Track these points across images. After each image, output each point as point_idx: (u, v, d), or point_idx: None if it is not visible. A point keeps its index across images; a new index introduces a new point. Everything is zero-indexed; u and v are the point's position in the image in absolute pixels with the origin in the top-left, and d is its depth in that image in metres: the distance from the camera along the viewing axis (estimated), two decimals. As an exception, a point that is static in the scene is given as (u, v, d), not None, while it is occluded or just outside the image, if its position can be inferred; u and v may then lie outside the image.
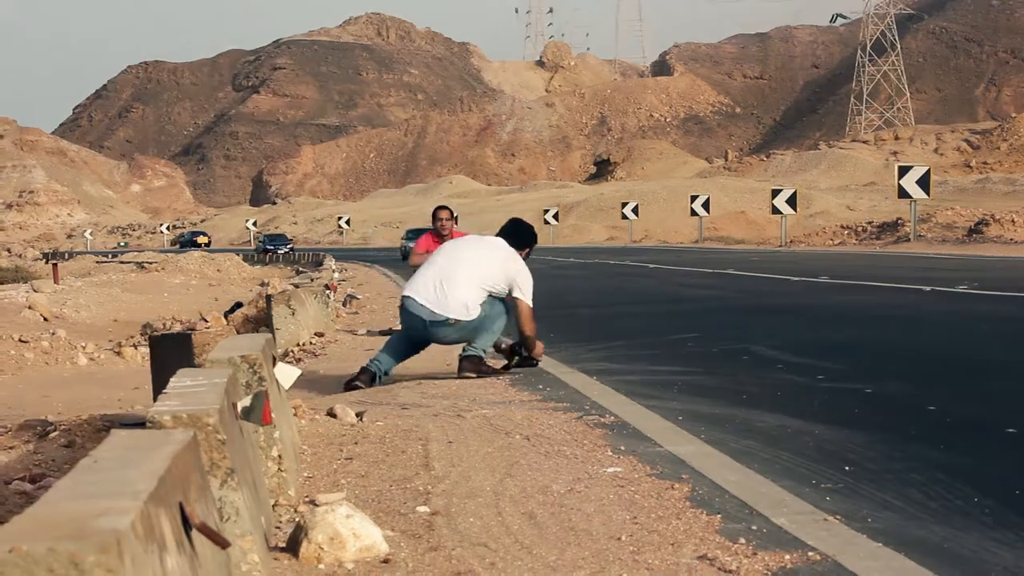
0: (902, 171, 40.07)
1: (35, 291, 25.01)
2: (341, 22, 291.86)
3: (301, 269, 38.47)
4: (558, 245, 62.45)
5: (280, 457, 4.61)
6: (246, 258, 51.43)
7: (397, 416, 6.84)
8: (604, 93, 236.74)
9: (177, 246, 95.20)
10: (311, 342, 13.45)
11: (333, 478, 5.22)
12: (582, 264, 32.73)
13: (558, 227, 72.85)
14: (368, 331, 14.57)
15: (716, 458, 5.32)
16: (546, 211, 74.12)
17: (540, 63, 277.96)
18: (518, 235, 9.13)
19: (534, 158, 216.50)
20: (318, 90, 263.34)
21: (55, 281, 32.00)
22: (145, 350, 13.04)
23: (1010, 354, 9.18)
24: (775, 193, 49.81)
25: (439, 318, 8.65)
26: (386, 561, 3.84)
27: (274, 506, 4.48)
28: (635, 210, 65.68)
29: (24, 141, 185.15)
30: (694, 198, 59.04)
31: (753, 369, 8.70)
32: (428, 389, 8.11)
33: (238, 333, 14.17)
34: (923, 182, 38.81)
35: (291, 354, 12.29)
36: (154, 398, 5.62)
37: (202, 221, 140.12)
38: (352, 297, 21.10)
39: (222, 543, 2.66)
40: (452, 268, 8.75)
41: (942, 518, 4.20)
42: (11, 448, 6.97)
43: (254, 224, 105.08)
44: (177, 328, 17.64)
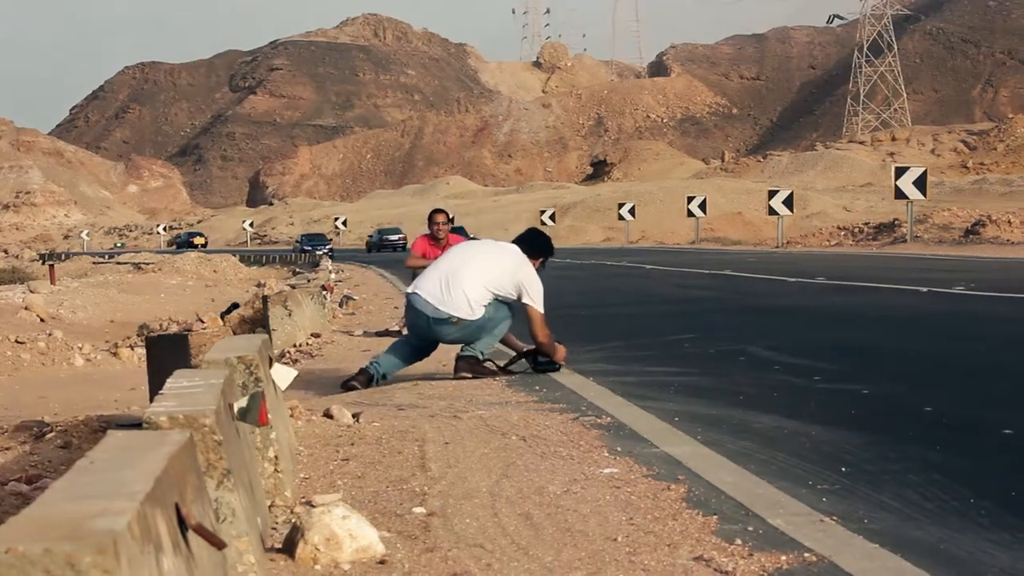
0: (899, 172, 40.08)
1: (32, 292, 25.01)
2: (338, 23, 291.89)
3: (298, 270, 38.45)
4: (555, 246, 62.27)
5: (276, 458, 4.61)
6: (241, 258, 51.36)
7: (393, 417, 6.84)
8: (601, 94, 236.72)
9: (174, 247, 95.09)
10: (307, 343, 13.44)
11: (329, 479, 5.22)
12: (579, 265, 32.72)
13: (555, 228, 72.71)
14: (364, 332, 14.57)
15: (712, 459, 5.32)
16: (543, 212, 74.08)
17: (537, 64, 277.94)
18: (533, 243, 9.06)
19: (531, 159, 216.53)
20: (315, 91, 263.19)
21: (52, 282, 31.98)
22: (141, 351, 13.05)
23: (1006, 355, 9.19)
24: (772, 194, 49.81)
25: (442, 316, 8.64)
26: (382, 562, 3.84)
27: (270, 507, 4.48)
28: (632, 211, 65.63)
29: (21, 142, 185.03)
30: (691, 199, 59.00)
31: (750, 370, 8.71)
32: (424, 390, 8.11)
33: (234, 334, 14.18)
34: (920, 183, 38.82)
35: (287, 355, 12.28)
36: (150, 399, 5.62)
37: (199, 222, 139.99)
38: (348, 298, 21.11)
39: (218, 544, 2.66)
40: (460, 267, 8.74)
41: (938, 519, 4.21)
42: (7, 449, 6.96)
43: (251, 225, 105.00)
44: (174, 329, 17.64)
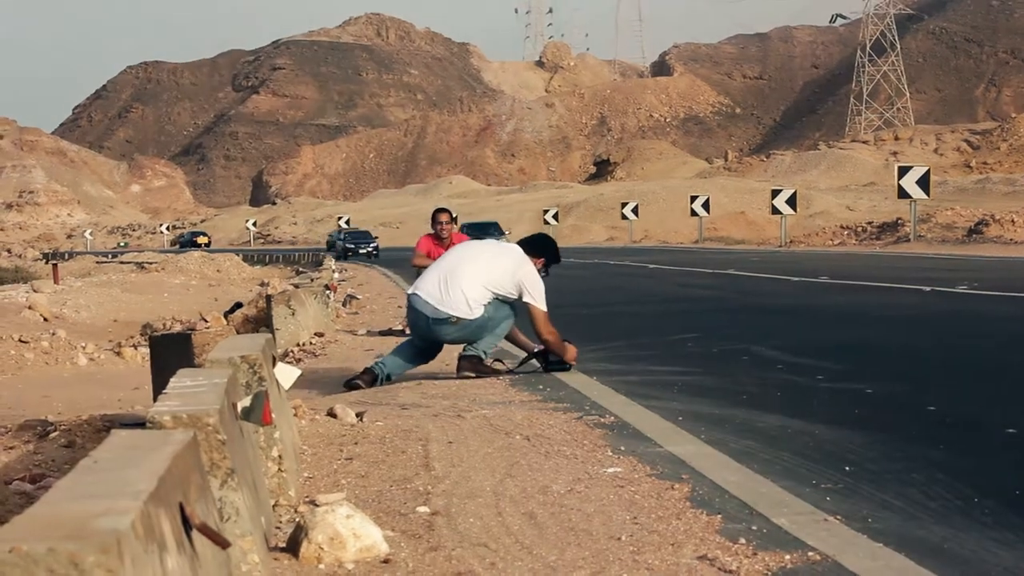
0: (902, 171, 40.06)
1: (35, 291, 25.01)
2: (341, 22, 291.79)
3: (301, 269, 38.48)
4: (559, 245, 62.26)
5: (280, 457, 4.61)
6: (245, 258, 51.41)
7: (397, 416, 6.84)
8: (604, 93, 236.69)
9: (177, 246, 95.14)
10: (311, 342, 13.45)
11: (333, 478, 5.22)
12: (582, 264, 32.71)
13: (558, 227, 72.80)
14: (368, 331, 14.58)
15: (716, 458, 5.32)
16: (546, 211, 74.10)
17: (540, 63, 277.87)
18: (534, 244, 9.03)
19: (534, 158, 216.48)
20: (318, 90, 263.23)
21: (55, 281, 32.00)
22: (145, 350, 13.04)
23: (1010, 354, 9.18)
24: (775, 193, 49.78)
25: (441, 315, 8.63)
26: (386, 561, 3.84)
27: (274, 506, 4.48)
28: (635, 210, 65.64)
29: (24, 141, 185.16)
30: (694, 198, 59.00)
31: (753, 369, 8.70)
32: (428, 389, 8.11)
33: (238, 333, 14.17)
34: (923, 182, 38.80)
35: (291, 354, 12.29)
36: (154, 398, 5.62)
37: (202, 221, 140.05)
38: (352, 297, 21.12)
39: (222, 543, 2.66)
40: (458, 267, 8.72)
41: (942, 518, 4.20)
42: (11, 448, 6.97)
43: (254, 224, 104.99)
44: (177, 328, 17.63)
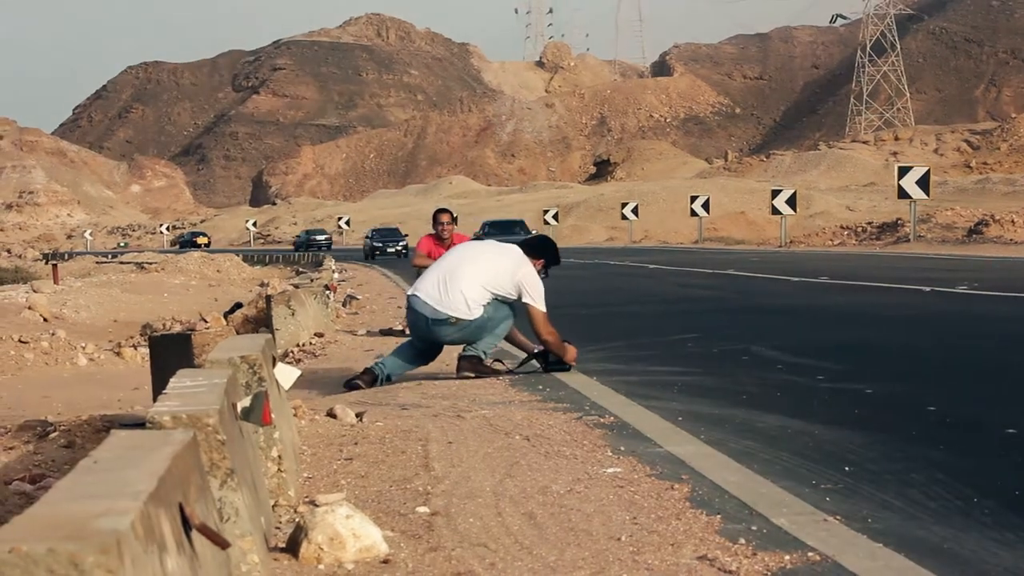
0: (902, 171, 40.06)
1: (35, 292, 25.00)
2: (341, 23, 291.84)
3: (301, 269, 38.48)
4: (558, 246, 62.27)
5: (280, 457, 4.61)
6: (245, 258, 51.40)
7: (397, 416, 6.84)
8: (604, 93, 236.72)
9: (177, 246, 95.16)
10: (311, 342, 13.45)
11: (333, 478, 5.22)
12: (582, 264, 32.71)
13: (558, 228, 72.77)
14: (368, 331, 14.58)
15: (716, 458, 5.32)
16: (546, 211, 74.00)
17: (540, 63, 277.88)
18: (534, 245, 9.04)
19: (534, 158, 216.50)
20: (318, 90, 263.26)
21: (55, 282, 31.99)
22: (145, 351, 13.03)
23: (1010, 355, 9.18)
24: (775, 193, 49.79)
25: (440, 316, 8.62)
26: (386, 561, 3.84)
27: (274, 506, 4.48)
28: (635, 210, 65.63)
29: (24, 141, 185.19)
30: (694, 198, 59.00)
31: (753, 369, 8.70)
32: (428, 389, 8.11)
33: (238, 333, 14.17)
34: (923, 182, 38.80)
35: (291, 354, 12.29)
36: (154, 398, 5.62)
37: (202, 221, 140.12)
38: (352, 297, 21.11)
39: (222, 543, 2.66)
40: (457, 267, 8.72)
41: (942, 518, 4.20)
42: (11, 449, 6.96)
43: (254, 224, 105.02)
44: (177, 328, 17.63)
